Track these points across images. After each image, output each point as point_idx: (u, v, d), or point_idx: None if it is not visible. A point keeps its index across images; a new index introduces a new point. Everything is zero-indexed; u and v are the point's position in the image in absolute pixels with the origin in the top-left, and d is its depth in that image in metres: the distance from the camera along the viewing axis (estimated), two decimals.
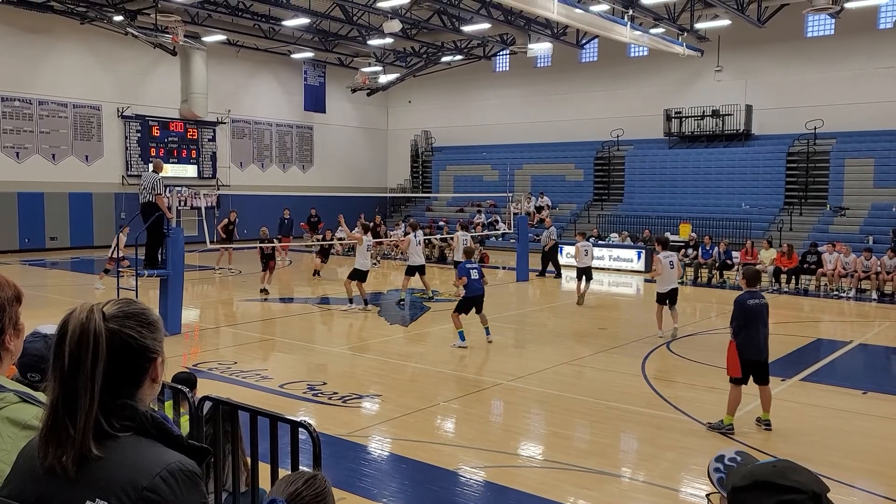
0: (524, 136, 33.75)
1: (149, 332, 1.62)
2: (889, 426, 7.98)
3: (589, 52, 32.06)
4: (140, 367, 1.60)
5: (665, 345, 11.79)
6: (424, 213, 33.56)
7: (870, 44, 25.56)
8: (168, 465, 1.50)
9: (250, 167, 33.25)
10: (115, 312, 1.59)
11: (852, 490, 6.21)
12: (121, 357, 1.55)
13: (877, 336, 13.20)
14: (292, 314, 14.69)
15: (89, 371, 1.51)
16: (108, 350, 1.53)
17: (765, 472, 1.34)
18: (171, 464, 1.51)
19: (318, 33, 29.25)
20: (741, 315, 7.52)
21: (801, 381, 9.82)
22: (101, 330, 1.53)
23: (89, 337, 1.52)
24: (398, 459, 6.90)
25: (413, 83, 36.68)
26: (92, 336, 1.52)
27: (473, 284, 11.73)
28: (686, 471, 6.72)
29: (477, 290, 11.76)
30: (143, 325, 1.61)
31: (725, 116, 27.92)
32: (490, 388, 9.28)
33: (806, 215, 24.82)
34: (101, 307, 1.58)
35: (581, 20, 21.00)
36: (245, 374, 9.70)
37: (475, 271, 11.92)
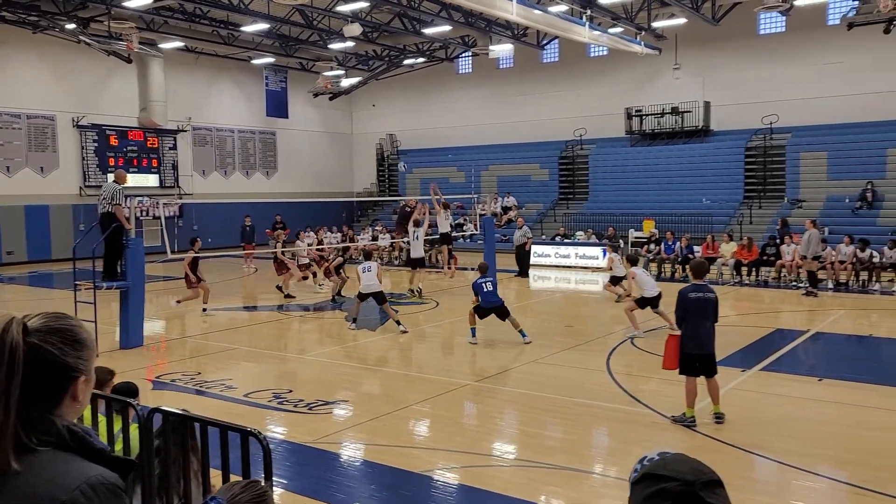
0: (489, 138, 33.90)
1: (72, 350, 1.57)
2: (844, 412, 8.18)
3: (550, 53, 32.34)
4: (60, 384, 1.55)
5: (629, 340, 11.95)
6: (391, 216, 33.51)
7: (820, 40, 26.18)
8: (88, 478, 1.48)
9: (213, 175, 32.89)
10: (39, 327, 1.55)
11: (813, 476, 6.35)
12: (39, 373, 1.51)
13: (833, 324, 13.52)
14: (258, 322, 14.57)
15: (4, 384, 1.47)
16: (26, 365, 1.49)
17: (652, 465, 1.39)
18: (91, 477, 1.48)
19: (278, 38, 29.07)
20: (682, 307, 7.60)
21: (761, 370, 10.02)
22: (17, 344, 1.49)
23: (4, 350, 1.48)
24: (367, 465, 6.90)
25: (376, 86, 36.63)
26: (7, 349, 1.48)
27: (487, 298, 11.91)
28: None
29: (491, 301, 11.91)
30: (66, 343, 1.56)
31: (684, 113, 28.37)
32: (458, 389, 9.31)
33: (765, 208, 25.32)
34: (24, 320, 1.54)
35: (540, 21, 21.17)
36: (209, 384, 9.60)
37: (489, 284, 12.09)
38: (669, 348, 7.79)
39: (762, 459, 6.79)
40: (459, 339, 12.97)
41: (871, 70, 25.19)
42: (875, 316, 14.69)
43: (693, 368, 7.58)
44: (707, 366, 7.59)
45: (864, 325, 13.76)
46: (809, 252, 17.05)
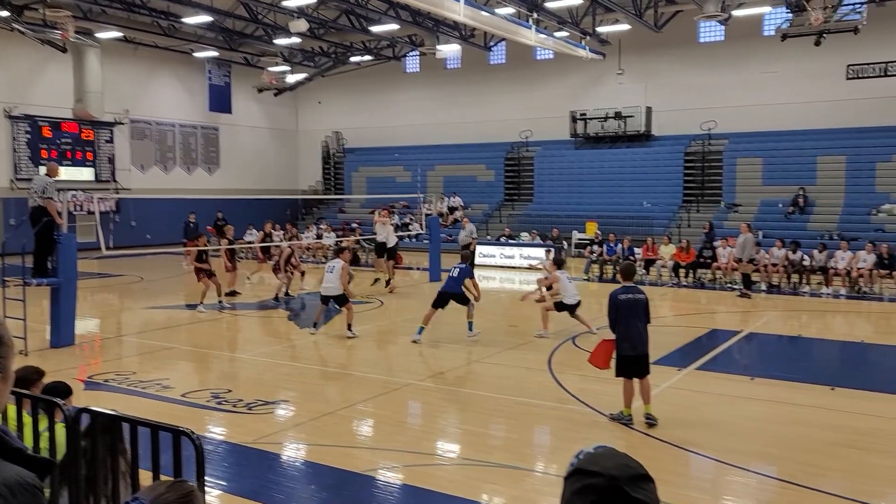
0: (435, 137, 33.95)
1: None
2: (775, 409, 8.47)
3: (497, 55, 32.57)
4: None
5: (571, 339, 12.12)
6: (337, 214, 33.27)
7: (756, 50, 27.06)
8: (5, 479, 1.45)
9: (152, 170, 32.06)
10: None
11: (744, 472, 6.55)
12: None
13: (765, 325, 13.99)
14: (198, 321, 14.26)
15: None
16: None
17: (582, 461, 1.41)
18: (8, 478, 1.45)
19: (221, 32, 28.51)
20: (613, 309, 7.71)
21: (697, 369, 10.30)
22: None
23: None
24: (308, 465, 6.83)
25: (322, 83, 36.27)
26: None
27: (447, 283, 12.37)
28: None
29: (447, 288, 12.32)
30: None
31: (627, 118, 28.94)
32: (401, 388, 9.30)
33: (703, 212, 26.03)
34: None
35: (487, 23, 21.32)
36: (145, 384, 9.35)
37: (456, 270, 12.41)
38: (600, 347, 7.88)
39: (696, 456, 6.98)
40: (403, 338, 12.96)
41: (803, 80, 26.15)
42: (805, 317, 15.25)
43: (629, 370, 7.68)
44: (641, 366, 7.68)
45: (794, 326, 14.27)
46: (745, 255, 17.58)
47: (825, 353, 12.21)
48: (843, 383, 9.43)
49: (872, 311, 15.91)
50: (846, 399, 8.75)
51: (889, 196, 23.47)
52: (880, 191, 23.83)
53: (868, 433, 7.56)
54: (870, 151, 24.36)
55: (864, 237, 20.45)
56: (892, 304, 16.46)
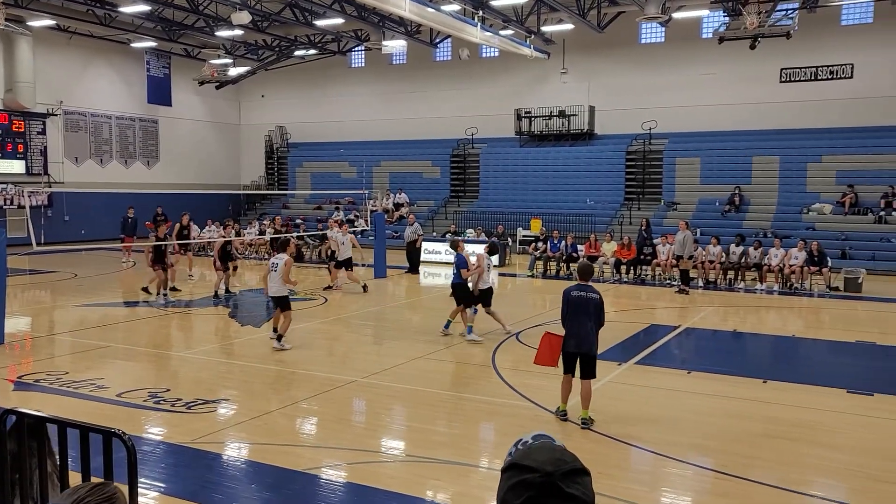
0: (381, 133, 33.80)
1: None
2: (710, 402, 8.72)
3: (443, 51, 32.60)
4: None
5: (515, 335, 12.24)
6: (281, 210, 32.81)
7: (694, 52, 27.77)
8: None
9: (87, 163, 31.05)
10: None
11: (682, 464, 6.72)
12: None
13: (702, 320, 14.39)
14: (137, 318, 13.89)
15: None
16: None
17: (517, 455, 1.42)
18: None
19: (160, 22, 27.78)
20: (565, 305, 7.81)
21: (636, 364, 10.53)
22: None
23: None
24: (248, 464, 6.72)
25: (266, 77, 35.72)
26: None
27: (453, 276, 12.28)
28: None
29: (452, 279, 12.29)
30: None
31: (571, 117, 29.35)
32: (345, 385, 9.23)
33: (644, 209, 26.59)
34: None
35: (433, 19, 21.31)
36: (78, 384, 9.05)
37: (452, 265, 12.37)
38: (543, 345, 7.92)
39: (636, 449, 7.13)
40: (347, 335, 12.89)
41: (739, 82, 26.97)
42: (740, 312, 15.74)
43: (571, 366, 7.73)
44: (585, 366, 7.66)
45: (730, 321, 14.70)
46: (685, 252, 18.02)
47: (759, 347, 12.62)
48: (774, 376, 9.77)
49: (803, 306, 16.53)
50: (777, 391, 9.07)
51: (819, 196, 24.40)
52: (811, 190, 24.76)
53: (797, 424, 7.85)
54: (801, 152, 25.28)
55: (797, 235, 21.21)
56: (822, 300, 17.12)
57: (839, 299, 17.07)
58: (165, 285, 15.67)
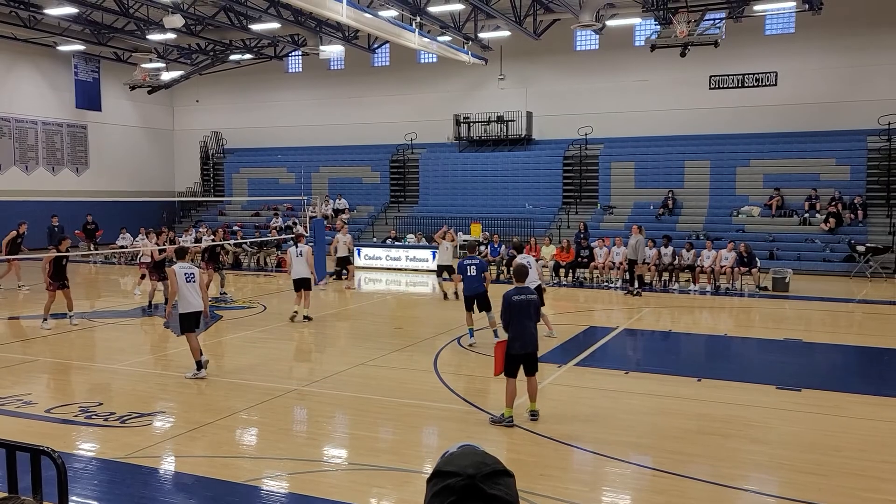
0: (320, 139, 33.50)
1: None
2: (647, 401, 8.93)
3: (381, 57, 32.55)
4: None
5: (456, 340, 12.28)
6: (217, 217, 32.16)
7: (627, 59, 28.45)
8: None
9: (11, 170, 29.82)
10: None
11: (621, 463, 6.86)
12: None
13: (638, 321, 14.73)
14: (65, 331, 13.38)
15: None
16: None
17: (440, 462, 1.44)
18: None
19: (88, 24, 26.90)
20: (507, 310, 7.92)
21: (575, 365, 10.70)
22: None
23: None
24: (187, 478, 6.56)
25: (200, 81, 34.99)
26: None
27: (469, 283, 11.64)
28: None
29: (473, 288, 11.59)
30: None
31: (509, 122, 29.67)
32: (284, 395, 9.10)
33: (581, 213, 27.06)
34: None
35: (371, 25, 21.25)
36: (3, 400, 8.67)
37: (473, 268, 11.66)
38: (498, 354, 8.04)
39: (576, 450, 7.24)
40: (287, 343, 12.72)
41: (671, 89, 27.75)
42: (675, 313, 16.17)
43: (516, 369, 7.88)
44: (529, 364, 7.94)
45: (665, 322, 15.09)
46: (638, 256, 18.33)
47: (693, 346, 12.99)
48: (708, 374, 10.07)
49: (734, 306, 17.09)
50: (711, 389, 9.35)
51: (748, 199, 25.29)
52: (740, 193, 25.64)
53: (730, 420, 8.11)
54: (731, 157, 26.15)
55: (727, 237, 21.93)
56: (752, 300, 17.73)
57: (768, 298, 17.71)
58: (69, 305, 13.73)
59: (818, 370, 11.13)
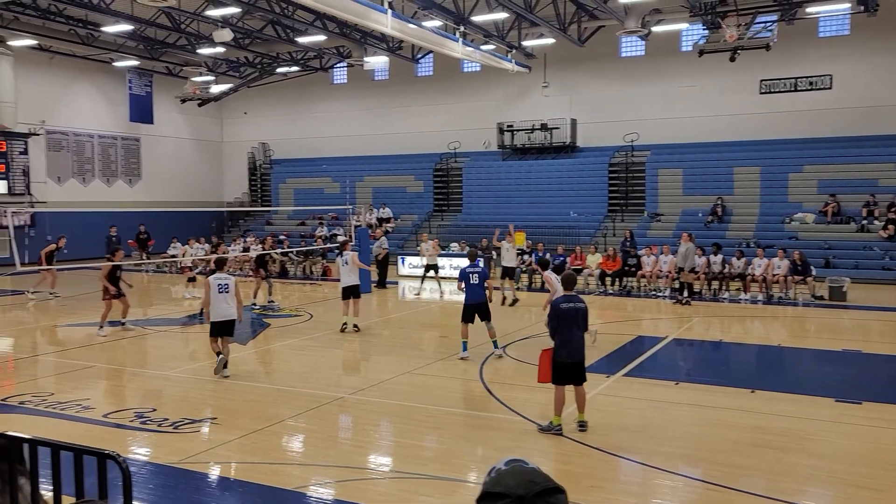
0: (364, 149, 33.83)
1: None
2: (697, 413, 8.75)
3: (425, 67, 32.75)
4: None
5: (502, 349, 12.21)
6: (264, 227, 32.69)
7: (674, 65, 28.08)
8: None
9: (70, 182, 30.82)
10: None
11: (671, 475, 6.73)
12: None
13: (688, 331, 14.46)
14: (121, 338, 13.74)
15: None
16: None
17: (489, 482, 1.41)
18: None
19: (142, 41, 27.72)
20: (555, 317, 7.88)
21: (624, 375, 10.55)
22: None
23: None
24: (237, 483, 6.65)
25: (248, 94, 35.70)
26: None
27: (473, 290, 11.23)
28: None
29: (476, 296, 11.22)
30: None
31: (553, 130, 29.53)
32: (332, 402, 9.18)
33: (627, 221, 26.75)
34: None
35: (415, 35, 21.41)
36: (63, 405, 8.94)
37: (476, 275, 11.29)
38: (543, 362, 7.99)
39: (625, 461, 7.13)
40: (334, 351, 12.82)
41: (720, 94, 27.28)
42: (726, 322, 15.83)
43: (563, 377, 7.82)
44: (576, 374, 7.86)
45: (715, 332, 14.78)
46: (687, 264, 18.01)
47: (745, 357, 12.68)
48: (762, 386, 9.82)
49: (788, 315, 16.65)
50: (765, 401, 9.11)
51: (802, 205, 24.66)
52: (793, 200, 25.02)
53: (785, 434, 7.88)
54: (783, 163, 25.56)
55: (779, 245, 21.38)
56: (806, 309, 17.25)
57: (824, 308, 17.21)
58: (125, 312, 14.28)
59: (879, 382, 10.75)
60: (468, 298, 11.37)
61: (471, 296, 11.38)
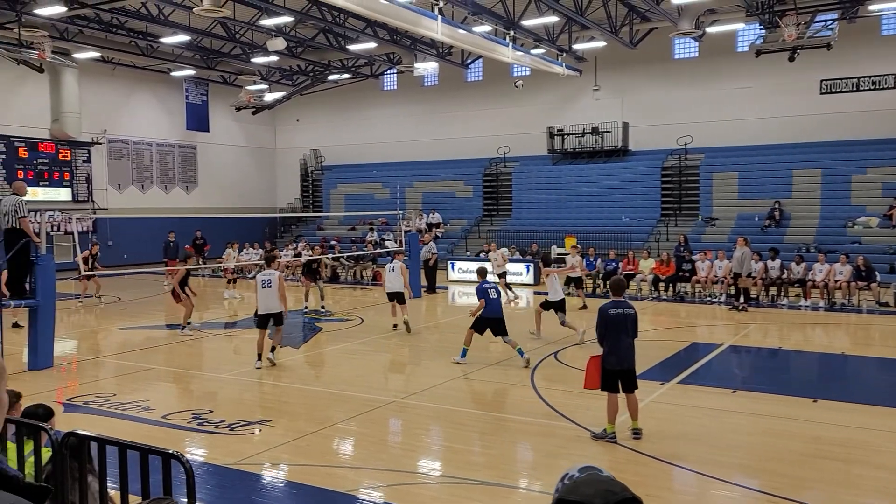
0: (414, 154, 34.02)
1: None
2: (755, 421, 8.51)
3: (474, 72, 32.79)
4: None
5: (553, 355, 12.12)
6: (316, 232, 33.14)
7: (730, 66, 27.49)
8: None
9: (129, 189, 31.78)
10: None
11: (728, 485, 6.57)
12: None
13: (744, 338, 14.10)
14: (177, 341, 14.09)
15: None
16: None
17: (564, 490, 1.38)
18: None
19: (198, 50, 28.44)
20: (603, 324, 7.75)
21: (679, 383, 10.34)
22: None
23: None
24: (290, 485, 6.74)
25: (300, 101, 36.28)
26: None
27: (493, 304, 11.44)
28: None
29: (495, 311, 11.42)
30: None
31: (604, 133, 29.21)
32: (383, 406, 9.23)
33: (681, 225, 26.25)
34: None
35: (465, 40, 21.45)
36: (125, 406, 9.21)
37: (493, 290, 11.56)
38: (591, 368, 7.89)
39: (681, 470, 6.99)
40: (384, 355, 12.91)
41: (777, 95, 26.59)
42: (785, 329, 15.40)
43: (614, 384, 7.70)
44: (627, 381, 7.73)
45: (774, 339, 14.38)
46: (743, 269, 17.59)
47: (806, 365, 12.32)
48: (824, 395, 9.51)
49: (851, 322, 16.09)
50: (827, 411, 8.82)
51: (865, 209, 23.83)
52: (856, 203, 24.19)
53: (850, 444, 7.62)
54: (845, 165, 24.75)
55: (842, 249, 20.68)
56: (871, 316, 16.66)
57: (889, 315, 16.60)
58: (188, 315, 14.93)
59: None
60: (487, 312, 11.42)
61: (491, 310, 11.44)
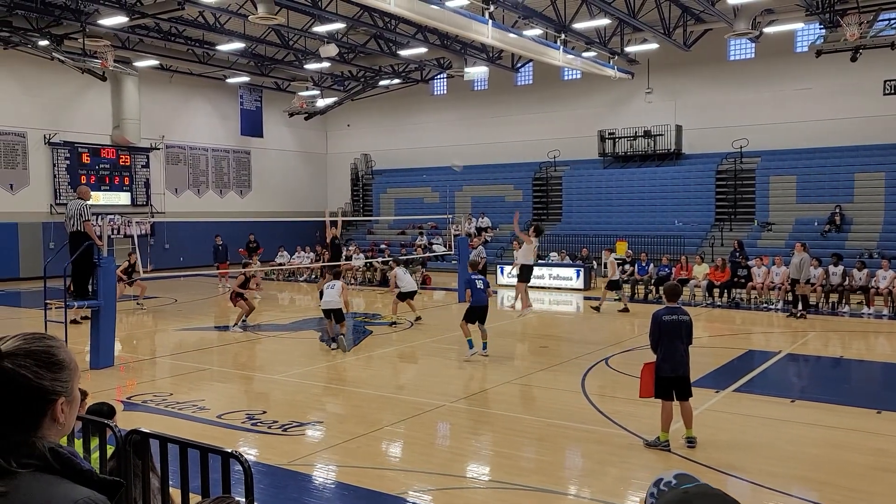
0: (463, 158, 33.90)
1: (48, 373, 1.54)
2: (815, 432, 8.26)
3: (524, 76, 32.68)
4: (37, 407, 1.53)
5: (604, 361, 11.99)
6: (366, 236, 33.46)
7: (788, 66, 26.79)
8: (75, 500, 1.46)
9: (186, 193, 32.60)
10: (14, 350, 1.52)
11: (786, 497, 6.39)
12: (15, 396, 1.50)
13: (803, 346, 13.70)
14: (231, 342, 14.39)
15: None
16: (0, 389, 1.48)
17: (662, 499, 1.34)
18: (78, 500, 1.47)
19: (253, 58, 29.04)
20: (657, 330, 7.61)
21: (734, 391, 10.10)
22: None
23: None
24: (341, 487, 6.81)
25: (351, 106, 36.70)
26: None
27: (478, 294, 12.59)
28: (628, 486, 6.82)
29: (480, 300, 12.54)
30: (41, 365, 1.53)
31: (657, 136, 28.77)
32: (433, 410, 9.26)
33: (735, 230, 25.68)
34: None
35: (515, 44, 21.42)
36: (181, 405, 9.44)
37: (480, 282, 12.75)
38: (645, 376, 7.77)
39: (737, 480, 6.82)
40: (435, 359, 12.94)
41: (838, 96, 25.80)
42: (846, 338, 14.91)
43: (668, 392, 7.57)
44: (681, 388, 7.58)
45: (835, 347, 13.95)
46: (801, 276, 17.12)
47: (869, 375, 11.91)
48: (889, 406, 9.18)
49: None
50: (892, 423, 8.51)
51: None
52: None
53: None
54: None
55: None
56: None
57: None
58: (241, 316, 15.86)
59: None
60: (475, 301, 12.57)
61: (477, 300, 12.57)
